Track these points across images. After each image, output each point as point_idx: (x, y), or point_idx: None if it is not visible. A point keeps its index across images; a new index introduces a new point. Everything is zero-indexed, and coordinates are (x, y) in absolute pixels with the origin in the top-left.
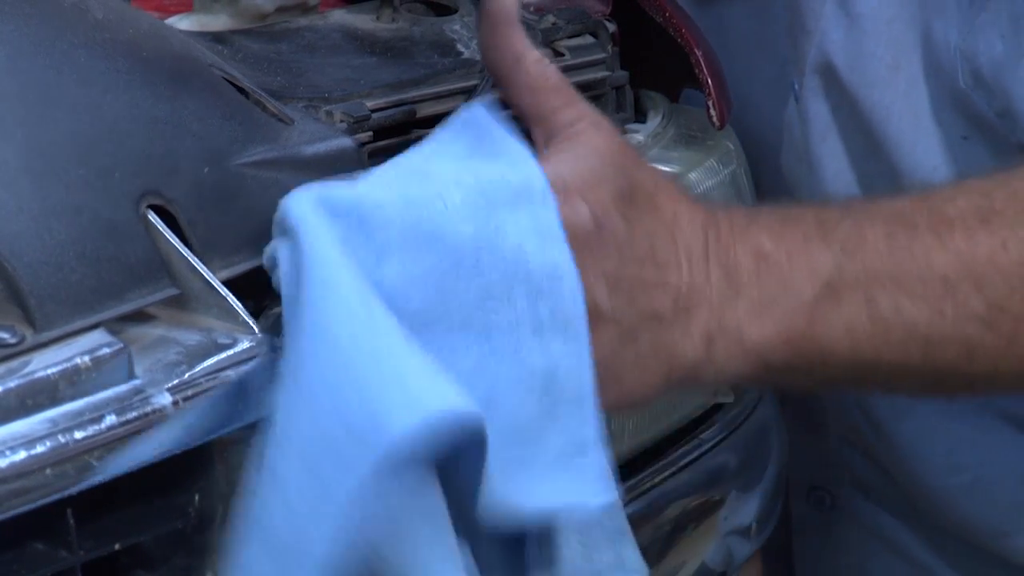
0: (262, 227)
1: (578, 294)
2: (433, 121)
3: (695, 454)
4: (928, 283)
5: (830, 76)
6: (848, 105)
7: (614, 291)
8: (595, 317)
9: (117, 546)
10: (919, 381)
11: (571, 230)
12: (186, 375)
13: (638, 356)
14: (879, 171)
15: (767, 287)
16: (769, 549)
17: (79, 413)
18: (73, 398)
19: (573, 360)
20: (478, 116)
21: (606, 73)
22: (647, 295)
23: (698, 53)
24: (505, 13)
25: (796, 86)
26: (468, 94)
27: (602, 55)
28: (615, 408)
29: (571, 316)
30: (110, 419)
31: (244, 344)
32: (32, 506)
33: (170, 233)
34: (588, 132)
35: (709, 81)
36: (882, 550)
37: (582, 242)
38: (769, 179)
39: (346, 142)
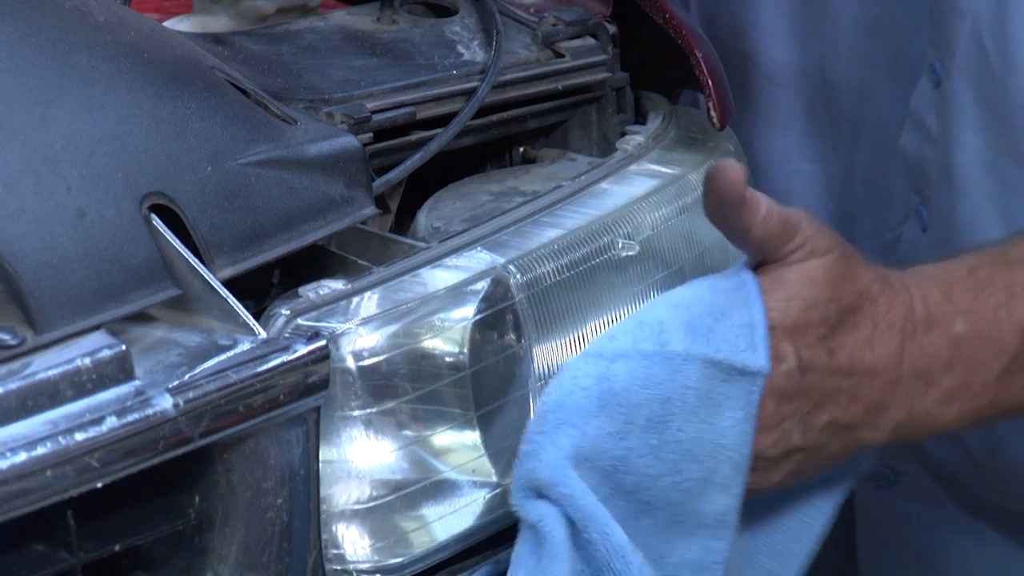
0: (266, 225)
1: None
2: (433, 123)
3: None
4: None
5: (981, 58)
6: (993, 90)
7: (808, 429)
8: (786, 455)
9: (117, 547)
10: None
11: (777, 381)
12: (186, 376)
13: (822, 459)
14: (1014, 163)
15: (957, 375)
16: (832, 539)
17: (80, 415)
18: (74, 400)
19: None
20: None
21: (606, 74)
22: (841, 413)
23: (698, 55)
24: (732, 191)
25: (937, 67)
26: (468, 96)
27: (602, 56)
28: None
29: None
30: (111, 421)
31: (244, 345)
32: (33, 507)
33: (171, 235)
34: (802, 261)
35: (709, 82)
36: (947, 524)
37: (785, 393)
38: (867, 154)
39: (351, 140)
